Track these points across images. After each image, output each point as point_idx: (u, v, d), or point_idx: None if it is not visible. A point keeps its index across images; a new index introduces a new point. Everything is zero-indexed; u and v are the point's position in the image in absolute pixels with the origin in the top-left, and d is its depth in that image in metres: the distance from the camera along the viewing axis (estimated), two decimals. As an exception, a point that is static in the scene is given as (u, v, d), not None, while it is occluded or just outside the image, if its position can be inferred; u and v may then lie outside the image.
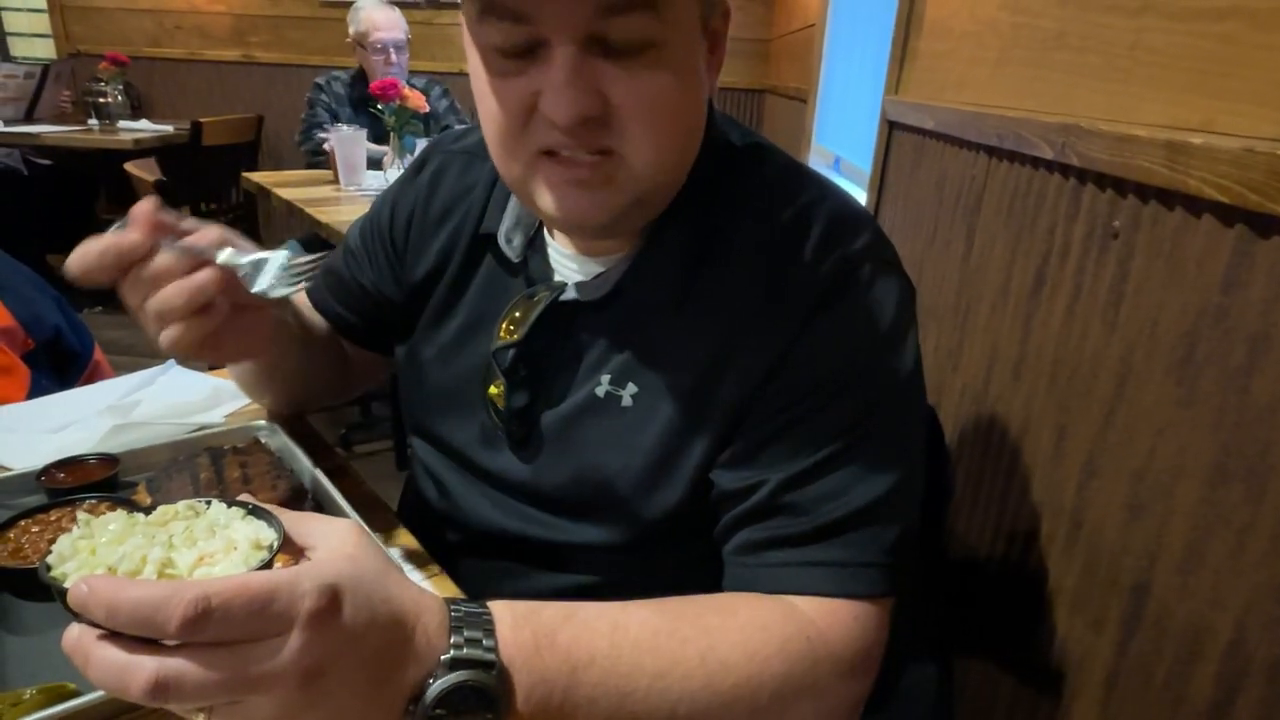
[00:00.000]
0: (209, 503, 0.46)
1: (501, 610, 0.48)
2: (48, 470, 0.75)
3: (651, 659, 0.51)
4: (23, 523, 0.68)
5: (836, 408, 0.60)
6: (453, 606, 0.46)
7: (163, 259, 0.56)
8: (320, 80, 2.95)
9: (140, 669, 0.35)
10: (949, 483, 1.06)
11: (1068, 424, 0.84)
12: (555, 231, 0.70)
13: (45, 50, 4.40)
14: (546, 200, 0.59)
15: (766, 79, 3.91)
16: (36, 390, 1.25)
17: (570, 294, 0.67)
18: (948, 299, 1.20)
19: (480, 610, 0.47)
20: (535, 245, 0.71)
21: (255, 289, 0.57)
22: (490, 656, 0.44)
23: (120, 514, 0.44)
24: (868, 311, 0.61)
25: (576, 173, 0.57)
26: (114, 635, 0.36)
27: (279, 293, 0.57)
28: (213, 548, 0.42)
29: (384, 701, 0.42)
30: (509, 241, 0.71)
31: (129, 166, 2.72)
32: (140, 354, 3.29)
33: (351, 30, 2.86)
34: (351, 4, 2.93)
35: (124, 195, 3.23)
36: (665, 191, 0.61)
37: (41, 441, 0.86)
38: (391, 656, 0.42)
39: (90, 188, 4.01)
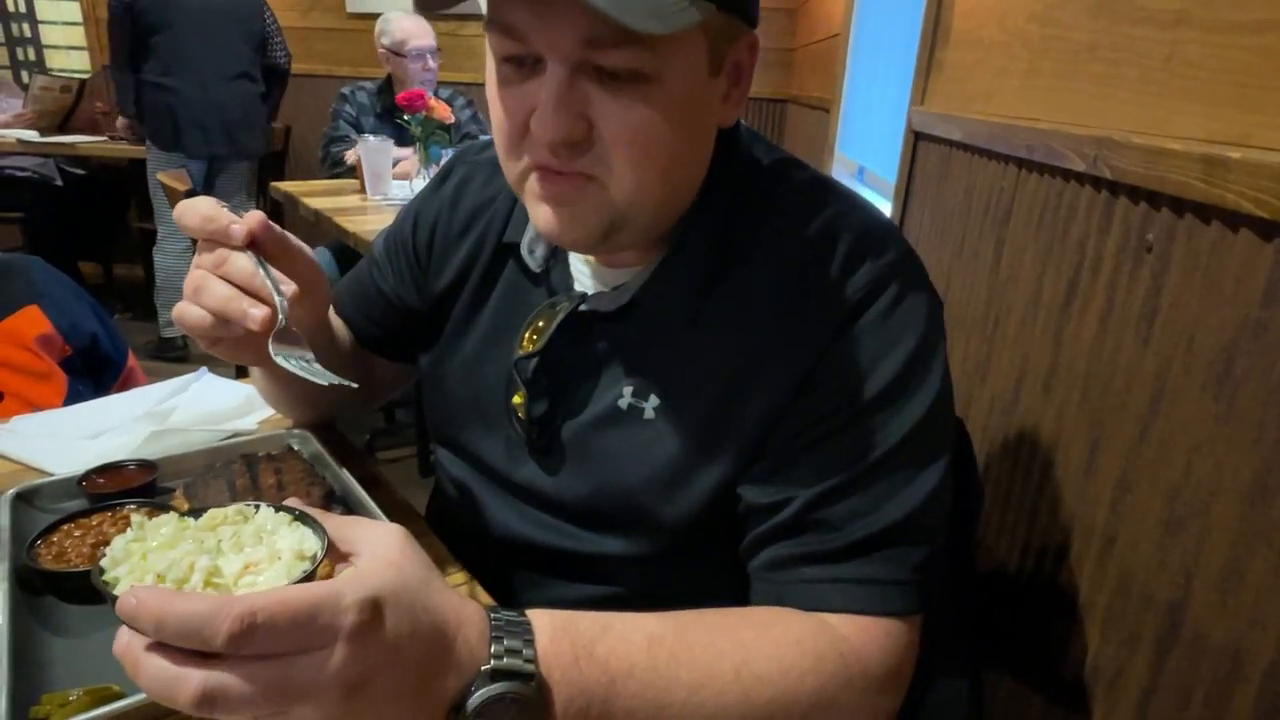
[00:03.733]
0: (258, 507, 0.47)
1: (540, 620, 0.48)
2: (88, 476, 0.77)
3: (688, 672, 0.51)
4: (65, 527, 0.69)
5: (866, 424, 0.60)
6: (493, 616, 0.47)
7: (243, 261, 0.58)
8: (345, 90, 2.99)
9: (188, 681, 0.36)
10: (977, 496, 1.05)
11: (1100, 439, 0.83)
12: None
13: (80, 62, 4.50)
14: (534, 214, 0.61)
15: (789, 88, 3.91)
16: (73, 396, 1.28)
17: (589, 304, 0.68)
18: (976, 310, 1.19)
19: (520, 620, 0.47)
20: (558, 256, 0.72)
21: (271, 345, 0.58)
22: (530, 668, 0.45)
23: (171, 517, 0.45)
24: (897, 327, 0.61)
25: (553, 189, 0.58)
26: (162, 644, 0.37)
27: (279, 358, 0.58)
28: (258, 556, 0.43)
29: (425, 710, 0.43)
30: (531, 252, 0.72)
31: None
32: (166, 360, 3.34)
33: (385, 41, 2.88)
34: (378, 16, 2.98)
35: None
36: (653, 216, 0.61)
37: (81, 447, 0.88)
38: (432, 666, 0.43)
39: (122, 197, 4.10)
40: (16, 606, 0.60)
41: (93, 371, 1.43)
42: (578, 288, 0.70)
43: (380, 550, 0.44)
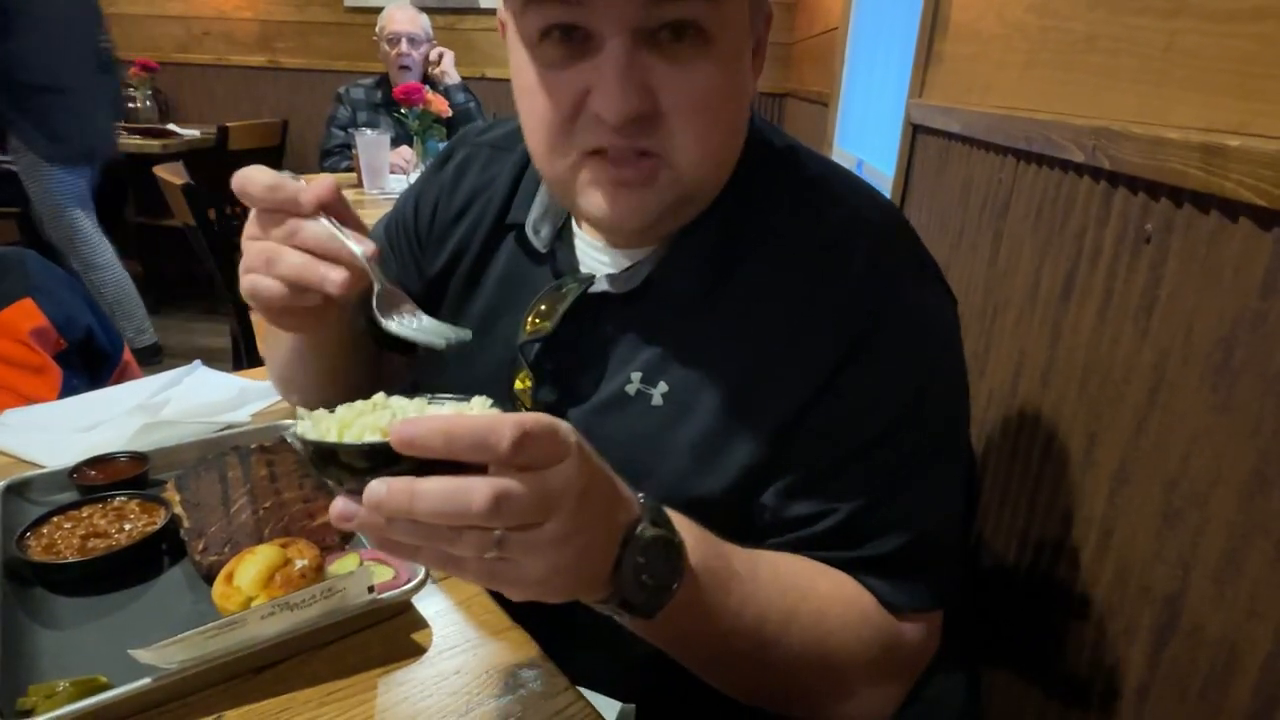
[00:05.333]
0: (390, 396, 0.47)
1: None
2: (79, 468, 0.76)
3: (781, 599, 0.56)
4: (55, 519, 0.69)
5: (904, 432, 0.60)
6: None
7: (317, 228, 0.55)
8: (340, 90, 3.04)
9: (477, 486, 0.38)
10: (975, 490, 1.04)
11: (1098, 431, 0.82)
12: (584, 223, 0.70)
13: (77, 56, 4.48)
14: (591, 201, 0.59)
15: (788, 82, 3.90)
16: (68, 390, 1.28)
17: (600, 286, 0.66)
18: (974, 303, 1.19)
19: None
20: (563, 236, 0.71)
21: (390, 326, 0.56)
22: (672, 525, 0.49)
23: (323, 412, 0.45)
24: (923, 331, 0.62)
25: (622, 173, 0.56)
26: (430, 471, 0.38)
27: (417, 337, 0.56)
28: (447, 410, 0.44)
29: (611, 536, 0.46)
30: (536, 232, 0.71)
31: (157, 170, 2.75)
32: (165, 354, 3.34)
33: (376, 30, 2.98)
34: (375, 10, 3.02)
35: (152, 198, 3.28)
36: (707, 192, 0.61)
37: (73, 440, 0.88)
38: (614, 497, 0.46)
39: (119, 191, 4.08)
40: (5, 598, 0.60)
41: (88, 365, 1.43)
42: (584, 269, 0.69)
43: None
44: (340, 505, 0.40)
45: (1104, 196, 0.85)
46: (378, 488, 0.38)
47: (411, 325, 0.56)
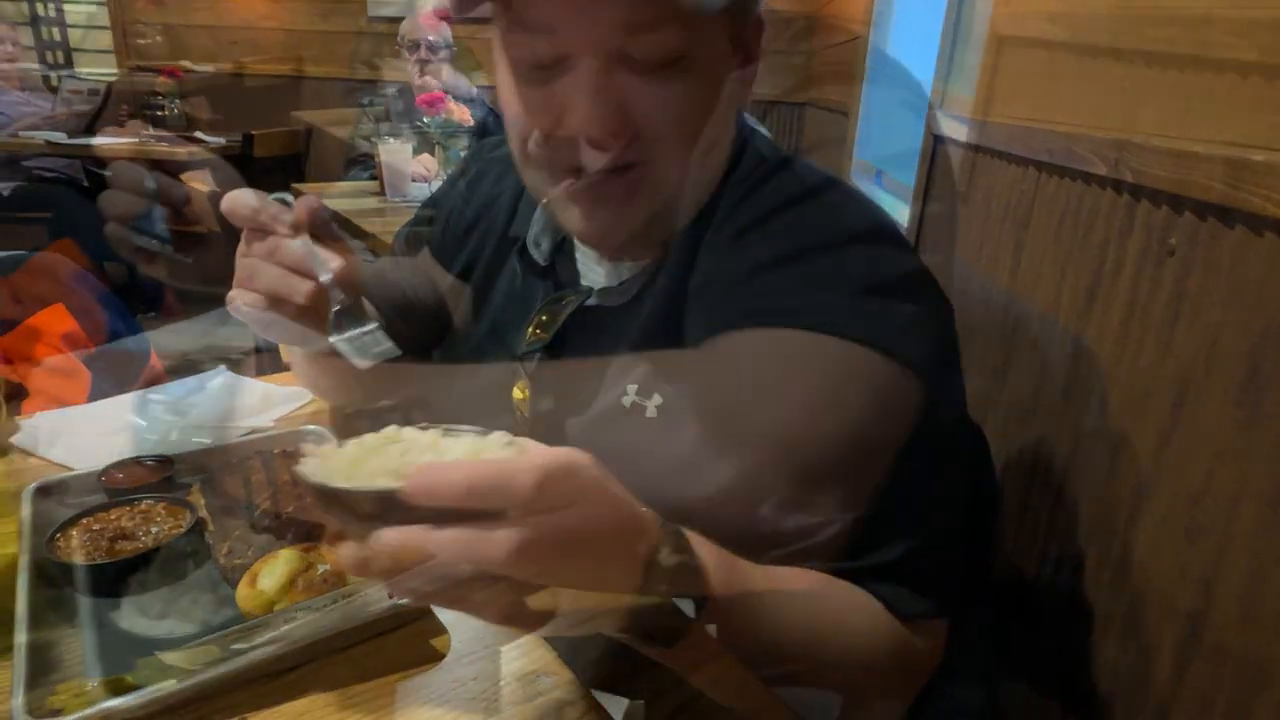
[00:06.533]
0: (402, 428, 0.45)
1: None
2: (107, 471, 0.78)
3: (802, 618, 0.55)
4: (84, 521, 0.70)
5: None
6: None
7: (293, 245, 0.59)
8: (364, 101, 3.07)
9: (497, 536, 0.36)
10: (995, 503, 1.03)
11: (1120, 445, 0.81)
12: None
13: (107, 65, 4.57)
14: (569, 217, 0.60)
15: (807, 92, 3.89)
16: (97, 393, 1.30)
17: (597, 298, 0.67)
18: (995, 315, 1.18)
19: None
20: (563, 249, 0.72)
21: (330, 336, 0.60)
22: (690, 548, 0.47)
23: (332, 449, 0.43)
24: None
25: (597, 191, 0.57)
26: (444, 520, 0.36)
27: (345, 349, 0.60)
28: (460, 448, 0.42)
29: (633, 567, 0.44)
30: (537, 245, 0.72)
31: (184, 177, 2.80)
32: (190, 359, 3.38)
33: (398, 37, 3.02)
34: (398, 19, 3.06)
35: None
36: (687, 204, 0.61)
37: (102, 443, 0.89)
38: (634, 526, 0.44)
39: (146, 197, 4.15)
40: (35, 598, 0.61)
41: (116, 369, 1.45)
42: (584, 282, 0.70)
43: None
44: (352, 552, 0.38)
45: (1127, 209, 0.85)
46: (391, 539, 0.36)
47: (355, 341, 0.59)
